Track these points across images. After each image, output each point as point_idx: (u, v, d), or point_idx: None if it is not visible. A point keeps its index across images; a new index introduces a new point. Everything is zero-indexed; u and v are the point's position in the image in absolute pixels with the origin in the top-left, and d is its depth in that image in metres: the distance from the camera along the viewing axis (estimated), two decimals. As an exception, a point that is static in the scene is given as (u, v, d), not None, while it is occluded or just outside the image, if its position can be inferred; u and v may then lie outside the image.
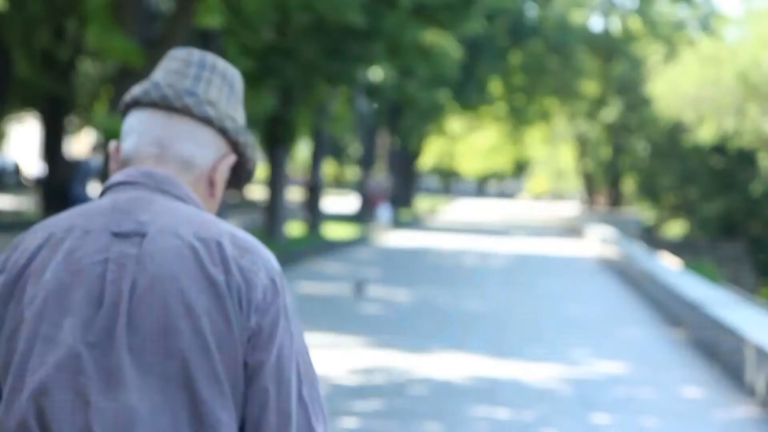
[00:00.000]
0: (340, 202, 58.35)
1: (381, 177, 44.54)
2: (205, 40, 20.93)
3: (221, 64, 2.29)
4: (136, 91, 2.27)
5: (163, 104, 2.23)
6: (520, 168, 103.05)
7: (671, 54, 53.19)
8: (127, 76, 15.98)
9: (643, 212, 57.28)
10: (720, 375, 11.90)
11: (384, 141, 49.93)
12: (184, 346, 2.05)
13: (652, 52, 55.56)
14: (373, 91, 35.09)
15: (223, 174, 2.25)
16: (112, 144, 2.27)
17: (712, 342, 13.06)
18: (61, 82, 29.95)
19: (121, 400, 2.04)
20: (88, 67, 35.72)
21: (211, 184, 2.25)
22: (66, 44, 30.25)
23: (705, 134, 41.80)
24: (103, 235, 2.12)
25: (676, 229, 55.60)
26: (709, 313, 13.35)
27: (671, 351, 13.63)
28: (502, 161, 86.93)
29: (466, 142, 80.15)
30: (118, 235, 2.12)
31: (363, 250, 29.06)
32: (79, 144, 64.78)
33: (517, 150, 76.99)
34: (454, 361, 11.91)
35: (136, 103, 2.26)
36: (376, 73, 34.12)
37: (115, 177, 2.21)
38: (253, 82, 22.93)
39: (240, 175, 2.32)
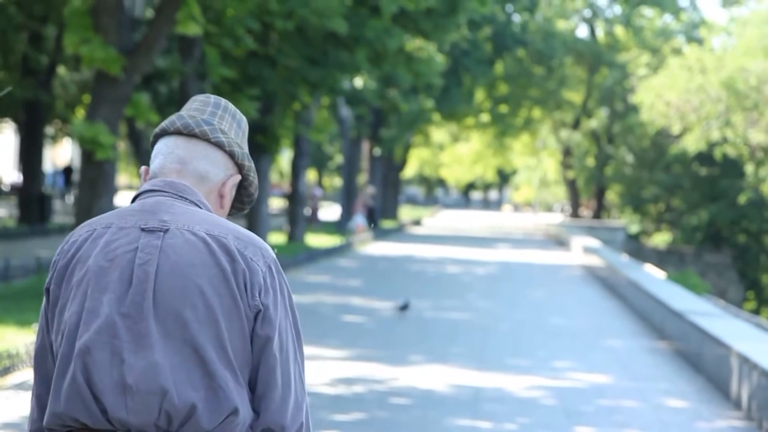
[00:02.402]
0: (323, 211, 58.11)
1: (370, 189, 44.45)
2: (185, 47, 20.75)
3: (232, 107, 2.90)
4: (163, 123, 2.84)
5: (185, 131, 2.81)
6: (505, 178, 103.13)
7: (657, 63, 53.20)
8: (105, 83, 15.81)
9: (628, 222, 57.23)
10: (705, 386, 11.78)
11: (367, 150, 49.78)
12: (198, 319, 2.62)
13: (637, 61, 55.55)
14: (355, 99, 34.93)
15: (230, 189, 2.84)
16: (143, 167, 2.84)
17: (697, 353, 12.93)
18: (39, 89, 29.73)
19: (148, 359, 2.60)
20: (66, 75, 35.49)
21: (221, 196, 2.84)
22: (44, 51, 30.03)
23: (690, 143, 41.78)
24: (134, 231, 2.69)
25: (661, 239, 55.57)
26: (694, 324, 13.22)
27: (656, 362, 13.50)
28: (487, 171, 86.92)
29: (450, 151, 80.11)
30: (145, 230, 2.69)
31: (345, 259, 28.90)
32: (58, 152, 64.37)
33: (502, 160, 76.97)
34: (436, 372, 11.77)
35: (164, 133, 2.84)
36: (359, 81, 33.97)
37: (144, 186, 2.80)
38: (234, 89, 22.76)
39: (243, 196, 2.90)
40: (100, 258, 2.67)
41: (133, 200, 2.80)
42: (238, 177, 2.85)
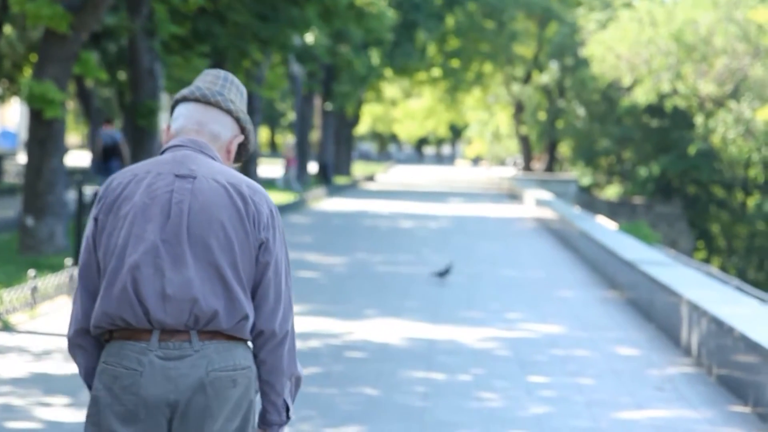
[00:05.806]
0: (275, 168, 57.98)
1: (290, 141, 44.08)
2: (133, 4, 20.55)
3: (236, 80, 3.70)
4: (183, 91, 3.66)
5: (203, 99, 3.62)
6: (457, 133, 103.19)
7: (608, 16, 53.26)
8: (52, 41, 15.63)
9: (580, 175, 57.52)
10: (656, 334, 11.92)
11: (319, 107, 49.62)
12: (219, 246, 3.45)
13: (588, 15, 55.59)
14: (306, 55, 34.75)
15: (235, 147, 3.66)
16: (165, 125, 3.43)
17: (648, 302, 13.08)
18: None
19: (183, 275, 3.42)
20: (12, 34, 34.99)
21: (228, 151, 3.66)
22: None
23: (641, 95, 41.97)
24: (169, 176, 3.50)
25: (613, 191, 55.93)
26: (645, 273, 13.36)
27: (607, 311, 13.64)
28: (439, 126, 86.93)
29: (402, 107, 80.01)
30: (178, 176, 3.49)
31: (298, 215, 28.89)
32: (7, 112, 63.51)
33: (454, 114, 76.99)
34: (390, 326, 11.83)
35: (184, 99, 3.64)
36: (310, 37, 33.80)
37: (172, 141, 3.60)
38: (184, 47, 22.58)
39: (242, 151, 3.71)
40: (144, 196, 3.46)
41: (163, 152, 3.58)
42: (242, 137, 3.68)
